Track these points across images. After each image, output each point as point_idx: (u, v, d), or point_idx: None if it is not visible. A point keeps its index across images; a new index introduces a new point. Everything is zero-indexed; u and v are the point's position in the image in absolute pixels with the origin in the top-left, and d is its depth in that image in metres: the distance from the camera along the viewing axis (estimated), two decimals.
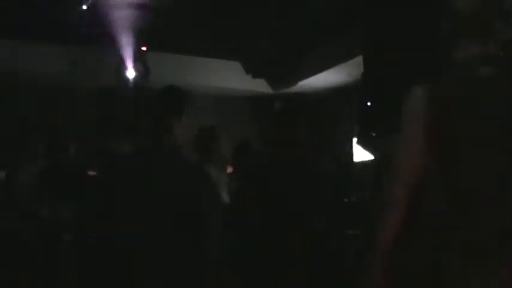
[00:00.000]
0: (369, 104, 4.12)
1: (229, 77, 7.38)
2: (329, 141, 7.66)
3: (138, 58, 6.27)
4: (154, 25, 5.63)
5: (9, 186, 4.49)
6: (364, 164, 6.21)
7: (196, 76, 7.05)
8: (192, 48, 6.69)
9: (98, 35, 5.73)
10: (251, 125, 7.76)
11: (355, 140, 6.63)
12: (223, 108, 7.76)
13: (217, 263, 2.42)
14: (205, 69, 7.11)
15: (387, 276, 1.76)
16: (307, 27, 5.85)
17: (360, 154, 6.63)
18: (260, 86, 7.53)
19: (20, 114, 6.24)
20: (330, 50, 6.40)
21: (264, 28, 5.84)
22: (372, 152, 3.84)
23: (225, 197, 3.57)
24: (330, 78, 7.08)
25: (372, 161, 3.61)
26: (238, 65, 7.24)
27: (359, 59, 4.89)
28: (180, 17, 5.41)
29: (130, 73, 6.34)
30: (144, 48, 6.31)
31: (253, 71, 7.17)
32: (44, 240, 4.10)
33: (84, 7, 4.36)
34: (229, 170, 4.25)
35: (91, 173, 4.18)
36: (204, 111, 7.29)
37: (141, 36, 6.07)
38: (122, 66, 6.30)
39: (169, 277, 2.35)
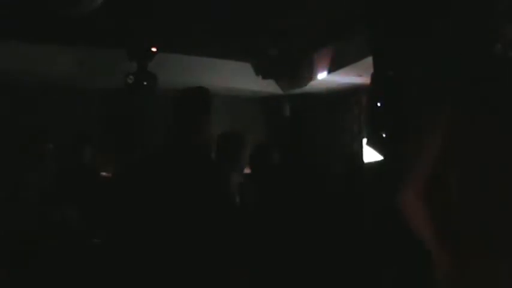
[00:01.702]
0: (378, 104, 4.09)
1: (238, 78, 7.38)
2: (339, 142, 7.63)
3: (147, 59, 6.27)
4: (164, 26, 5.63)
5: (18, 189, 4.50)
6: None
7: (206, 77, 7.05)
8: (201, 50, 6.69)
9: (107, 35, 5.75)
10: (261, 126, 7.76)
11: (364, 140, 6.59)
12: (232, 109, 7.75)
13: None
14: (215, 70, 7.11)
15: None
16: (316, 28, 5.84)
17: (370, 155, 6.59)
18: (270, 87, 7.52)
19: (28, 115, 6.27)
20: (340, 51, 6.38)
21: (274, 29, 5.83)
22: (382, 153, 3.81)
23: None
24: (339, 78, 7.05)
25: (381, 161, 3.58)
26: (248, 66, 7.23)
27: (369, 60, 4.85)
28: (189, 18, 5.41)
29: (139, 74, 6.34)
30: (153, 49, 6.31)
31: (263, 72, 7.15)
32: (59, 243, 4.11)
33: (94, 7, 4.35)
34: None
35: (104, 174, 4.18)
36: (212, 111, 7.23)
37: (151, 37, 6.08)
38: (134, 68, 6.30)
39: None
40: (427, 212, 1.80)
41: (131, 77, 6.26)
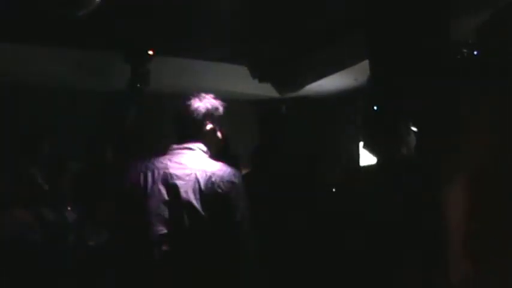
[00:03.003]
0: (375, 108, 4.12)
1: (235, 81, 7.38)
2: (335, 145, 7.64)
3: (143, 61, 6.28)
4: (160, 28, 5.64)
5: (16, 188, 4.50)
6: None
7: (202, 80, 7.05)
8: (197, 52, 6.70)
9: (104, 37, 5.75)
10: (257, 129, 7.76)
11: (361, 144, 6.63)
12: (228, 112, 7.75)
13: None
14: (211, 73, 7.12)
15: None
16: (313, 32, 5.85)
17: (366, 158, 6.61)
18: (266, 90, 7.53)
19: (26, 116, 6.27)
20: (336, 55, 6.40)
21: (270, 32, 5.85)
22: (378, 156, 3.82)
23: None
24: (336, 82, 7.07)
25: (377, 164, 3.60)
26: (245, 69, 7.24)
27: (365, 63, 4.88)
28: (187, 20, 5.42)
29: (135, 77, 6.34)
30: (150, 52, 6.32)
31: (260, 75, 7.17)
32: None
33: (91, 9, 4.37)
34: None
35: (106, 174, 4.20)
36: None
37: (148, 39, 6.09)
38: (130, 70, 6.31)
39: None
40: (467, 208, 1.80)
41: (129, 79, 6.27)
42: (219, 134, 3.14)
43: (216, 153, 3.16)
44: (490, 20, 2.35)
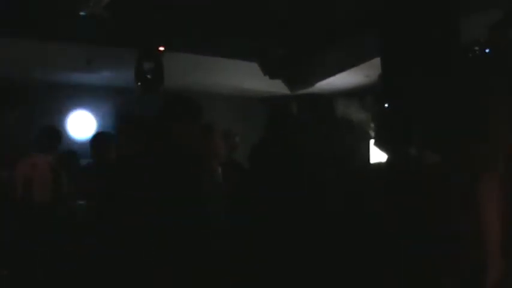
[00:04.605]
0: (386, 105, 4.10)
1: (246, 78, 7.38)
2: (346, 142, 7.61)
3: (155, 58, 6.28)
4: (171, 25, 5.64)
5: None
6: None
7: (213, 76, 7.06)
8: (208, 49, 6.69)
9: (115, 34, 5.76)
10: (268, 126, 7.74)
11: (372, 141, 6.59)
12: (239, 108, 7.75)
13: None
14: (222, 69, 7.11)
15: None
16: (324, 28, 5.83)
17: (377, 155, 6.57)
18: (277, 87, 7.52)
19: (36, 113, 6.30)
20: (348, 51, 6.38)
21: (282, 29, 5.83)
22: (389, 154, 3.82)
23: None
24: (347, 79, 7.05)
25: (388, 162, 3.59)
26: (255, 66, 7.24)
27: (377, 60, 4.85)
28: (197, 17, 5.42)
29: (147, 73, 6.35)
30: (161, 48, 6.32)
31: (271, 72, 7.15)
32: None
33: (102, 6, 4.38)
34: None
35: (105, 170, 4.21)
36: (220, 111, 7.30)
37: (158, 35, 6.09)
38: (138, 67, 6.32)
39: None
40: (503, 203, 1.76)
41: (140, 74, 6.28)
42: None
43: None
44: (504, 18, 2.33)
